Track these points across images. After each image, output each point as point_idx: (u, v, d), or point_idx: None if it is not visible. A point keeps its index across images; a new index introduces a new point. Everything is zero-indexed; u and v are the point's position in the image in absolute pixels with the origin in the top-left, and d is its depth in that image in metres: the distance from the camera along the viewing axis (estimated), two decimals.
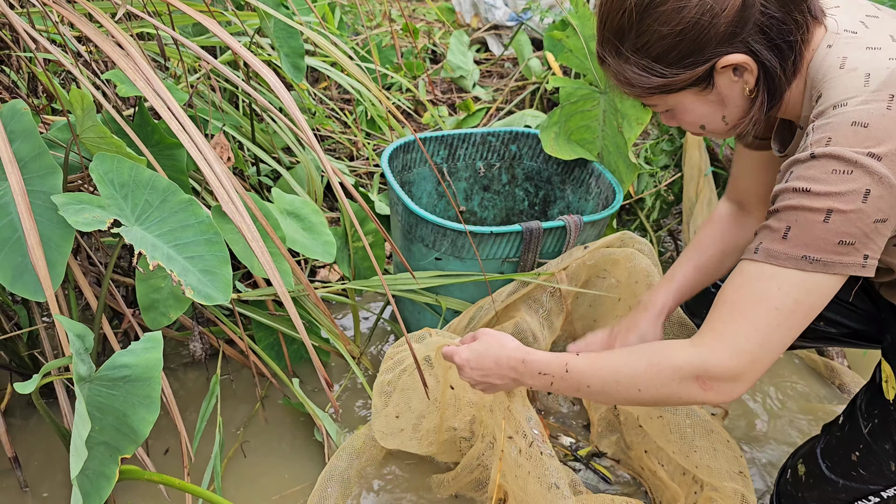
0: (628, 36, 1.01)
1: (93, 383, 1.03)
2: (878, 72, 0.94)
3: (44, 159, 1.25)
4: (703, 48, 0.97)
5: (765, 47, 0.98)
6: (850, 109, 0.92)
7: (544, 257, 1.74)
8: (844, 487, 1.30)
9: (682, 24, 0.96)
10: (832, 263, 0.93)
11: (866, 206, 0.90)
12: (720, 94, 1.04)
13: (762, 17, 0.96)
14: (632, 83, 1.05)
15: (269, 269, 1.29)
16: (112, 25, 1.24)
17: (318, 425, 1.68)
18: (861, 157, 0.89)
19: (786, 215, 0.95)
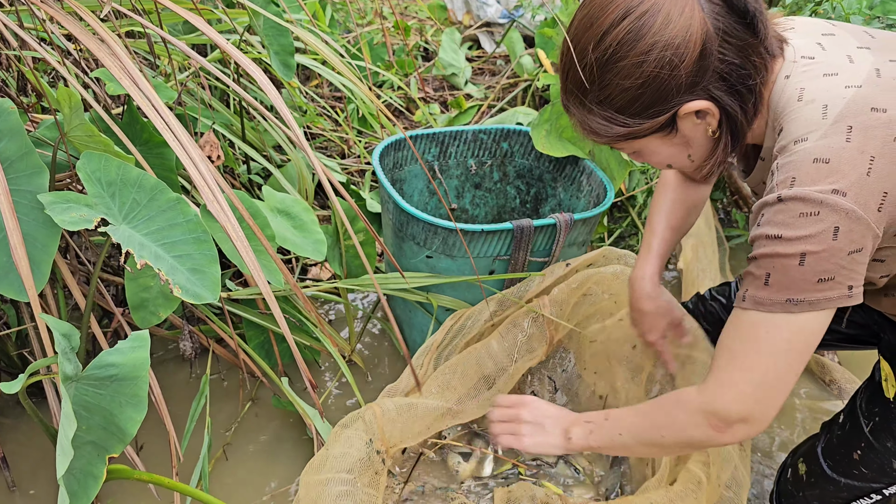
0: (591, 89, 1.02)
1: (79, 382, 1.03)
2: (835, 102, 0.95)
3: (30, 158, 1.24)
4: (664, 99, 0.99)
5: (725, 93, 0.99)
6: (810, 145, 0.93)
7: (535, 255, 1.75)
8: (846, 486, 1.30)
9: (643, 77, 0.97)
10: (817, 301, 0.96)
11: (837, 243, 0.91)
12: (685, 137, 1.05)
13: (721, 65, 0.97)
14: (597, 132, 1.06)
15: (253, 268, 1.28)
16: (97, 24, 1.24)
17: (308, 424, 1.67)
18: (826, 197, 0.91)
19: (764, 262, 0.98)
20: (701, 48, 0.94)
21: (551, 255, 1.76)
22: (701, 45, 0.94)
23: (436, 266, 1.75)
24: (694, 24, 0.94)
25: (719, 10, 0.95)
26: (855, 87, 0.95)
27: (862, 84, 0.95)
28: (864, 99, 0.94)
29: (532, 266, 1.78)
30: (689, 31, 0.94)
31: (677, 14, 0.94)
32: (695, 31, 0.94)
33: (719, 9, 0.95)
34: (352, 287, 1.79)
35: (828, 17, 2.16)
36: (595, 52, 0.98)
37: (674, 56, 0.94)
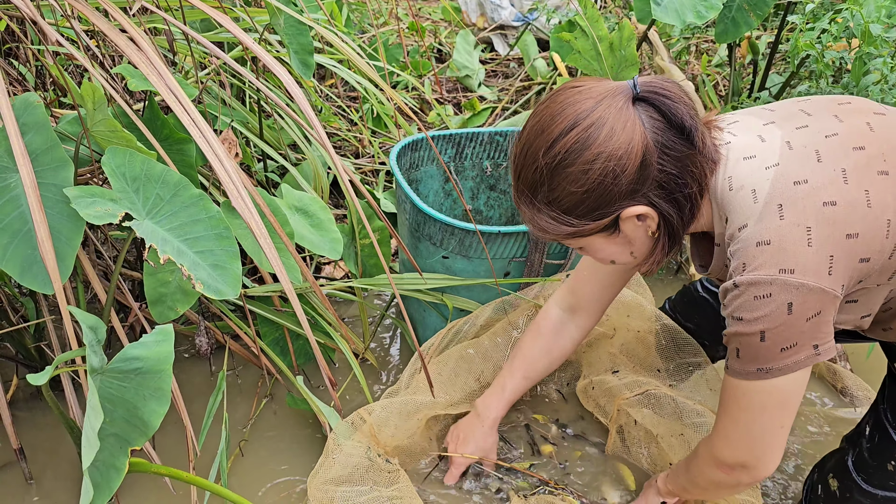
0: (540, 190, 1.08)
1: (105, 375, 1.03)
2: (761, 185, 1.03)
3: (55, 152, 1.25)
4: (608, 203, 1.05)
5: (663, 200, 1.06)
6: (751, 231, 1.02)
7: (551, 258, 1.75)
8: (885, 499, 1.30)
9: (588, 184, 1.04)
10: (785, 366, 1.05)
11: (792, 316, 1.00)
12: (627, 237, 1.13)
13: (660, 175, 1.04)
14: (545, 230, 1.13)
15: (276, 264, 1.29)
16: (125, 20, 1.25)
17: (322, 423, 1.68)
18: (775, 278, 0.99)
19: (732, 340, 1.09)
20: (641, 159, 1.02)
21: (567, 257, 1.76)
22: (641, 156, 1.01)
23: (451, 266, 1.76)
24: (635, 137, 1.01)
25: (659, 126, 1.03)
26: (774, 167, 1.04)
27: (778, 161, 1.04)
28: (784, 175, 1.02)
29: (548, 269, 1.78)
30: (631, 144, 1.01)
31: (620, 128, 1.01)
32: (636, 143, 1.01)
33: (659, 124, 1.03)
34: (366, 286, 1.80)
35: (846, 26, 2.16)
36: (545, 157, 1.05)
37: (616, 166, 1.01)
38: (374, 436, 1.50)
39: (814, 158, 1.03)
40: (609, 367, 1.75)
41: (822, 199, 0.99)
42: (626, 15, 3.54)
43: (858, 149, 1.03)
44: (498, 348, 1.75)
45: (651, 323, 1.72)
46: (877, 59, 2.11)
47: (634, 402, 1.65)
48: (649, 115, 1.03)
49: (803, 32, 2.36)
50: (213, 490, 1.20)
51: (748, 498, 1.41)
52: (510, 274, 1.78)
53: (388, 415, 1.54)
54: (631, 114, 1.02)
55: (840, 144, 1.03)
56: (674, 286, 2.37)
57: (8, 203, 1.20)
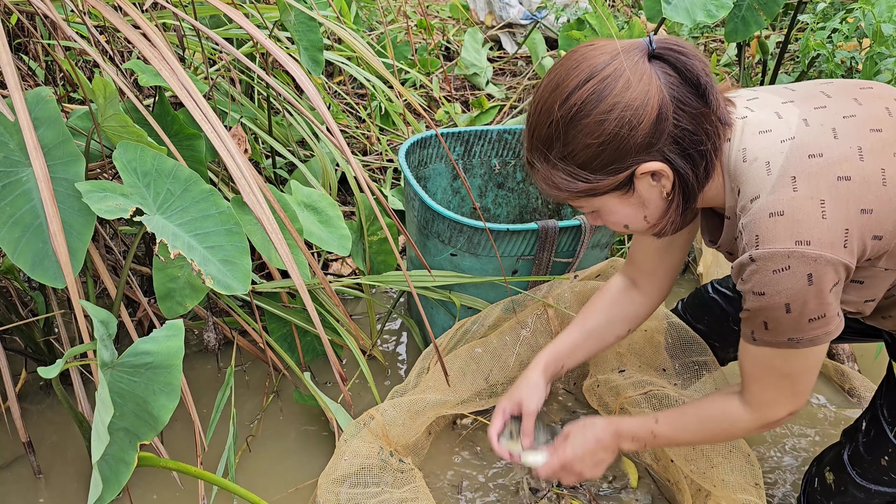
0: (555, 145, 1.07)
1: (115, 370, 1.04)
2: (775, 157, 1.03)
3: (67, 146, 1.26)
4: (623, 157, 1.05)
5: (679, 156, 1.05)
6: (764, 201, 1.02)
7: (559, 256, 1.75)
8: (877, 493, 1.31)
9: (604, 135, 1.03)
10: (816, 337, 1.06)
11: (814, 287, 1.00)
12: (641, 197, 1.11)
13: (675, 130, 1.03)
14: (559, 187, 1.12)
15: (287, 260, 1.29)
16: (138, 15, 1.25)
17: (329, 419, 1.68)
18: (792, 250, 0.99)
19: (756, 315, 1.08)
20: (657, 112, 1.01)
21: (575, 256, 1.76)
22: (657, 109, 1.01)
23: (459, 264, 1.76)
24: (651, 90, 1.01)
25: (674, 81, 1.02)
26: (789, 140, 1.03)
27: (794, 135, 1.04)
28: (799, 149, 1.02)
29: (556, 267, 1.78)
30: (647, 96, 1.01)
31: (636, 80, 1.01)
32: (652, 96, 1.01)
33: (675, 80, 1.02)
34: (374, 283, 1.80)
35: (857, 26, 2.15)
36: (560, 110, 1.04)
37: (633, 117, 1.01)
38: (385, 435, 1.50)
39: (830, 135, 1.02)
40: (616, 367, 1.75)
41: (837, 173, 0.99)
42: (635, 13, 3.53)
43: (876, 131, 1.02)
44: (506, 347, 1.75)
45: (659, 322, 1.72)
46: (888, 59, 2.10)
47: (637, 402, 1.65)
48: (664, 70, 1.02)
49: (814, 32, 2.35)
50: (220, 484, 1.20)
51: (752, 498, 1.41)
52: (518, 272, 1.78)
53: (398, 414, 1.54)
54: (647, 68, 1.02)
55: (857, 125, 1.03)
56: (681, 286, 2.37)
57: (20, 197, 1.20)
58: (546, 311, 1.78)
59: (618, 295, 1.53)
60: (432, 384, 1.62)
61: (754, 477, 1.45)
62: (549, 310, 1.78)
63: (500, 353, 1.74)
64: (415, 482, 1.42)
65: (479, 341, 1.74)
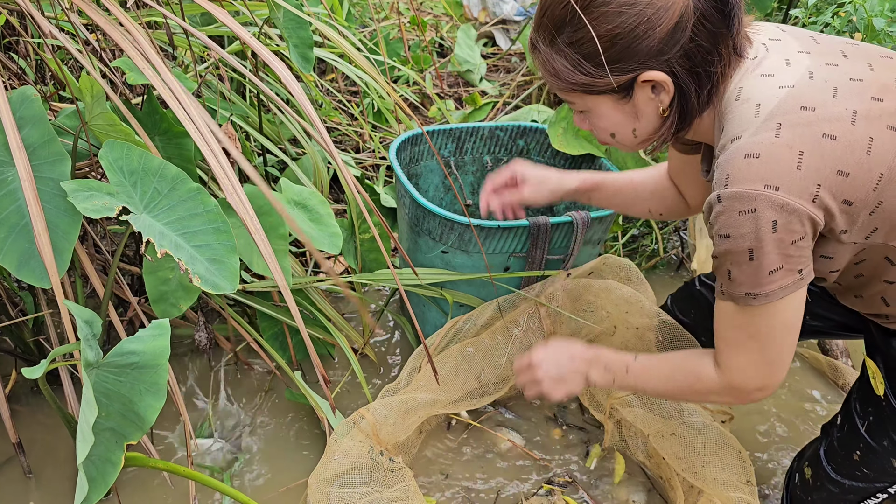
0: (566, 28, 1.04)
1: (100, 369, 1.03)
2: (768, 101, 1.00)
3: (52, 146, 1.25)
4: (631, 57, 1.01)
5: (686, 71, 1.03)
6: (743, 142, 0.99)
7: (552, 253, 1.74)
8: (851, 488, 1.31)
9: (620, 28, 1.00)
10: (772, 292, 1.03)
11: (777, 234, 0.98)
12: (636, 107, 1.09)
13: (690, 43, 1.00)
14: (558, 75, 1.08)
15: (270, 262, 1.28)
16: (121, 13, 1.24)
17: (320, 418, 1.68)
18: (759, 192, 0.96)
19: (723, 260, 1.05)
20: (678, 19, 0.98)
21: (569, 252, 1.75)
22: (679, 16, 0.98)
23: (451, 261, 1.75)
24: None
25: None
26: (787, 87, 1.01)
27: (794, 84, 1.01)
28: (794, 98, 0.99)
29: (549, 264, 1.77)
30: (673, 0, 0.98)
31: None
32: (678, 1, 0.98)
33: None
34: (366, 281, 1.79)
35: (849, 20, 2.14)
36: None
37: (654, 16, 0.98)
38: (376, 434, 1.50)
39: (830, 93, 1.00)
40: None
41: (824, 130, 0.97)
42: None
43: (877, 99, 1.00)
44: (498, 346, 1.74)
45: (650, 319, 1.72)
46: None
47: (629, 402, 1.65)
48: None
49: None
50: (209, 484, 1.20)
51: (744, 496, 1.40)
52: (510, 269, 1.77)
53: (389, 413, 1.53)
54: None
55: (860, 90, 1.01)
56: (675, 284, 2.36)
57: (5, 197, 1.19)
58: (538, 310, 1.77)
59: (655, 177, 1.51)
60: (424, 383, 1.61)
61: (746, 474, 1.45)
62: (541, 308, 1.77)
63: (492, 352, 1.73)
64: (405, 481, 1.41)
65: (472, 340, 1.74)
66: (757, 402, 1.24)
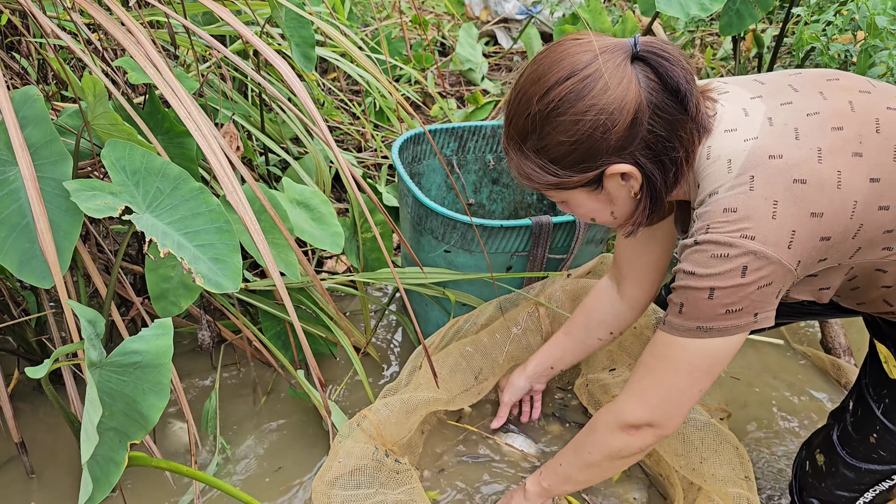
0: (530, 137, 1.09)
1: (103, 369, 1.03)
2: (737, 155, 1.04)
3: (55, 145, 1.25)
4: (594, 157, 1.06)
5: (649, 161, 1.07)
6: (720, 197, 1.04)
7: (554, 252, 1.74)
8: (867, 471, 1.32)
9: (577, 135, 1.04)
10: (725, 328, 1.07)
11: (745, 279, 1.01)
12: (609, 195, 1.14)
13: (649, 135, 1.04)
14: (530, 178, 1.13)
15: (268, 261, 1.28)
16: (123, 13, 1.24)
17: (323, 416, 1.68)
18: (736, 240, 1.01)
19: (679, 294, 1.09)
20: (633, 117, 1.02)
21: (570, 252, 1.75)
22: (633, 114, 1.02)
23: (453, 261, 1.75)
24: (629, 94, 1.02)
25: (654, 87, 1.03)
26: (752, 139, 1.05)
27: (758, 135, 1.05)
28: (761, 149, 1.03)
29: (550, 263, 1.77)
30: (624, 101, 1.02)
31: (615, 83, 1.02)
32: (629, 101, 1.02)
33: (655, 85, 1.03)
34: (368, 280, 1.79)
35: (851, 18, 2.14)
36: (538, 104, 1.05)
37: (607, 120, 1.02)
38: (380, 435, 1.50)
39: (792, 136, 1.04)
40: (606, 366, 1.75)
41: (794, 175, 1.01)
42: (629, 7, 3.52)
43: (837, 129, 1.04)
44: (497, 346, 1.74)
45: (647, 317, 1.72)
46: (882, 51, 2.09)
47: None
48: (646, 74, 1.03)
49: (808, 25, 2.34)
50: (212, 484, 1.20)
51: (743, 491, 1.40)
52: (513, 268, 1.77)
53: (391, 412, 1.53)
54: (628, 71, 1.02)
55: (819, 124, 1.04)
56: None
57: (7, 196, 1.19)
58: (538, 310, 1.77)
59: (601, 299, 1.57)
60: (424, 382, 1.61)
61: (745, 470, 1.45)
62: (540, 308, 1.77)
63: (491, 351, 1.73)
64: (411, 483, 1.41)
65: (471, 339, 1.74)
66: (645, 451, 1.27)
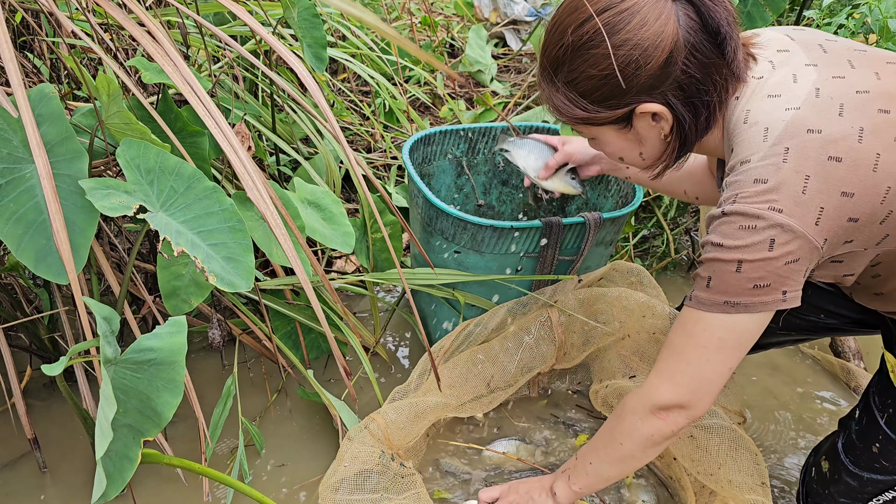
0: (562, 69, 1.08)
1: (118, 366, 1.04)
2: (775, 124, 1.02)
3: (70, 143, 1.26)
4: (624, 94, 1.05)
5: (681, 102, 1.05)
6: (752, 166, 1.02)
7: (564, 254, 1.74)
8: (870, 481, 1.32)
9: (608, 69, 1.03)
10: (752, 304, 1.05)
11: (773, 253, 1.00)
12: (638, 134, 1.12)
13: (682, 76, 1.03)
14: (560, 110, 1.13)
15: (291, 256, 1.29)
16: (143, 12, 1.25)
17: (333, 415, 1.68)
18: (764, 211, 0.99)
19: (707, 267, 1.07)
20: (667, 56, 1.01)
21: (580, 253, 1.75)
22: (668, 53, 1.01)
23: (464, 261, 1.75)
24: (667, 31, 1.00)
25: (693, 26, 1.01)
26: (794, 109, 1.02)
27: (800, 106, 1.02)
28: (801, 121, 1.01)
29: (561, 265, 1.77)
30: (661, 38, 1.00)
31: (653, 19, 1.00)
32: (666, 38, 1.00)
33: (694, 24, 1.01)
34: (378, 280, 1.80)
35: (864, 21, 2.14)
36: (573, 35, 1.04)
37: (640, 56, 1.01)
38: (388, 439, 1.50)
39: (836, 111, 1.01)
40: (625, 373, 1.74)
41: (830, 152, 0.99)
42: None
43: (883, 111, 1.01)
44: (508, 352, 1.74)
45: (664, 322, 1.72)
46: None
47: None
48: (686, 13, 1.01)
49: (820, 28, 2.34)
50: (223, 481, 1.20)
51: (759, 497, 1.40)
52: (523, 270, 1.77)
53: (398, 416, 1.54)
54: (668, 8, 1.01)
55: (866, 103, 1.02)
56: (688, 285, 2.36)
57: (23, 194, 1.20)
58: (550, 317, 1.77)
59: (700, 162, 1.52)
60: (434, 387, 1.61)
61: (761, 476, 1.45)
62: (552, 315, 1.77)
63: (501, 358, 1.74)
64: (416, 488, 1.41)
65: (482, 346, 1.73)
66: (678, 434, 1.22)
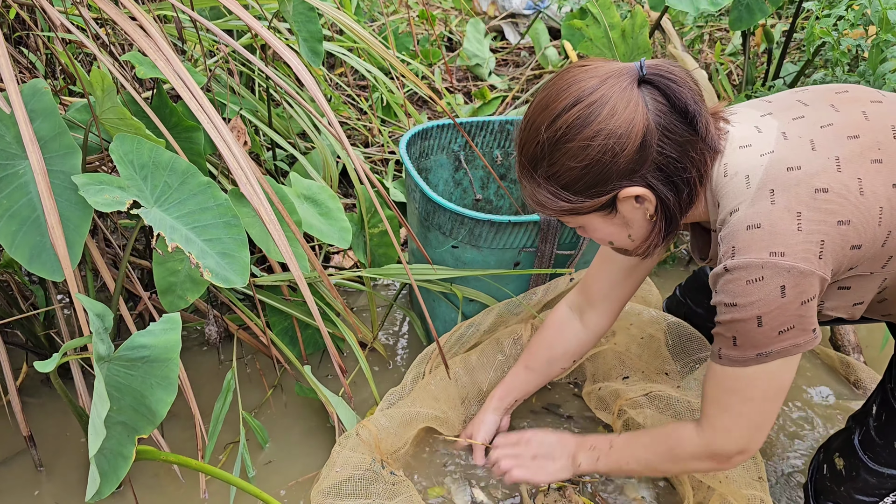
0: (541, 164, 1.10)
1: (112, 363, 1.03)
2: (755, 171, 1.05)
3: (64, 139, 1.25)
4: (605, 181, 1.06)
5: (661, 182, 1.07)
6: (742, 214, 1.04)
7: (562, 248, 1.73)
8: (890, 476, 1.32)
9: (587, 160, 1.05)
10: (785, 349, 1.06)
11: (787, 299, 1.01)
12: (624, 218, 1.13)
13: (659, 157, 1.04)
14: (544, 205, 1.14)
15: (285, 252, 1.29)
16: (134, 6, 1.24)
17: (330, 412, 1.68)
18: (766, 260, 1.00)
19: (727, 328, 1.09)
20: (642, 140, 1.02)
21: (578, 248, 1.75)
22: (642, 137, 1.02)
23: (461, 256, 1.75)
24: (637, 117, 1.02)
25: (662, 108, 1.03)
26: (769, 154, 1.05)
27: (773, 149, 1.05)
28: (778, 162, 1.04)
29: (559, 259, 1.77)
30: (632, 124, 1.01)
31: (622, 107, 1.02)
32: (637, 124, 1.02)
33: (662, 107, 1.03)
34: (375, 275, 1.79)
35: (863, 13, 2.12)
36: (547, 132, 1.06)
37: (616, 144, 1.02)
38: (378, 446, 1.50)
39: (808, 147, 1.04)
40: (619, 375, 1.74)
41: (815, 185, 1.00)
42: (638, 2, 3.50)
43: (853, 138, 1.03)
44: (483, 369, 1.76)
45: (658, 325, 1.72)
46: (894, 46, 2.07)
47: (639, 403, 1.64)
48: (653, 97, 1.03)
49: (819, 20, 2.33)
50: (220, 477, 1.20)
51: (756, 493, 1.40)
52: (520, 264, 1.77)
53: (390, 423, 1.54)
54: (634, 94, 1.02)
55: (835, 134, 1.04)
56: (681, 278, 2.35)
57: (17, 190, 1.19)
58: (523, 335, 1.77)
59: (561, 325, 1.59)
60: (421, 396, 1.62)
61: (758, 471, 1.45)
62: (524, 333, 1.78)
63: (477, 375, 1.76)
64: (408, 492, 1.41)
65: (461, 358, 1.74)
66: None
